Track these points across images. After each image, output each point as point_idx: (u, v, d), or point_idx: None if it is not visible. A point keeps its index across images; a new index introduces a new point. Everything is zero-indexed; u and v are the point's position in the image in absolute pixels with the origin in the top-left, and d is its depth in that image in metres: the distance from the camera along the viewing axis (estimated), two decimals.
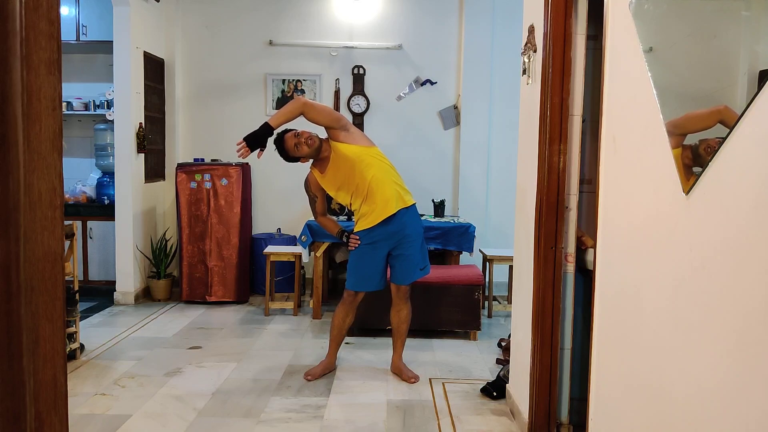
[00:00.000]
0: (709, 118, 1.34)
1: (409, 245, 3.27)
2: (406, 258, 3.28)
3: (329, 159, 3.21)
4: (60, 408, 0.77)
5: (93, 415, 2.83)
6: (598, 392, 1.98)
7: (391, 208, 3.18)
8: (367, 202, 3.20)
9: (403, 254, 3.27)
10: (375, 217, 3.19)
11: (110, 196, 5.16)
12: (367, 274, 3.30)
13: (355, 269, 3.32)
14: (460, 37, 5.43)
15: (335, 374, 3.44)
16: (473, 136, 5.42)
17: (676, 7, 1.59)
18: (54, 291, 0.75)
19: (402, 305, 3.38)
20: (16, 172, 0.68)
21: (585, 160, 2.55)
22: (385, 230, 3.21)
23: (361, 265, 3.30)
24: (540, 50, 2.55)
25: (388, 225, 3.20)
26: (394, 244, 3.26)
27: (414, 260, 3.29)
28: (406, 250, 3.27)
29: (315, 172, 3.31)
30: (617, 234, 1.84)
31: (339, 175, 3.21)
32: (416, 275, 3.33)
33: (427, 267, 3.38)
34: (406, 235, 3.25)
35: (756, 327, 1.12)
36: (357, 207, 3.26)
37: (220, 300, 4.99)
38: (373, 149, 3.24)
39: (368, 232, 3.24)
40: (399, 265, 3.29)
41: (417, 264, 3.31)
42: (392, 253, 3.28)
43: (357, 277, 3.32)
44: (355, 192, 3.21)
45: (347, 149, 3.17)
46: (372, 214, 3.20)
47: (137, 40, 4.91)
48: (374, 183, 3.17)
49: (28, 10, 0.69)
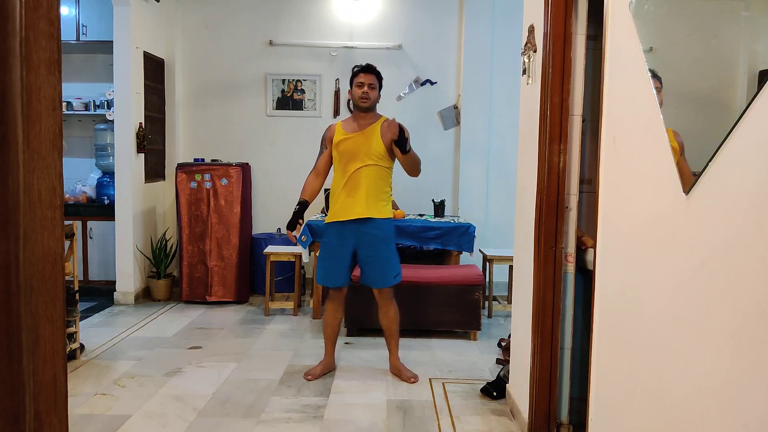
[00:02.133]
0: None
1: (376, 247, 3.25)
2: (375, 261, 3.26)
3: (366, 127, 3.25)
4: (60, 408, 0.77)
5: (93, 415, 2.83)
6: (598, 392, 1.98)
7: (369, 211, 3.20)
8: (350, 192, 3.21)
9: (371, 257, 3.26)
10: (347, 212, 3.21)
11: (110, 196, 5.16)
12: (331, 269, 3.31)
13: (321, 264, 3.38)
14: (460, 37, 5.43)
15: (335, 374, 3.44)
16: (473, 136, 5.42)
17: (676, 7, 1.59)
18: (54, 291, 0.75)
19: (388, 306, 3.36)
20: (16, 172, 0.68)
21: (585, 160, 2.55)
22: (355, 228, 3.22)
23: (326, 259, 3.34)
24: (540, 50, 2.55)
25: (359, 224, 3.21)
26: (360, 244, 3.25)
27: (384, 263, 3.27)
28: (376, 253, 3.25)
29: (339, 125, 3.35)
30: (617, 234, 1.84)
31: (354, 143, 3.23)
32: (390, 281, 3.30)
33: (399, 274, 3.35)
34: (375, 236, 3.24)
35: (756, 327, 1.12)
36: (336, 189, 3.27)
37: (220, 300, 4.99)
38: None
39: (338, 226, 3.25)
40: (369, 269, 3.28)
41: (388, 267, 3.29)
42: (360, 256, 3.28)
43: (322, 272, 3.37)
44: (348, 166, 3.22)
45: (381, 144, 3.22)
46: (346, 208, 3.22)
47: (137, 40, 4.91)
48: (367, 179, 3.20)
49: (28, 10, 0.69)
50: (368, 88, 3.25)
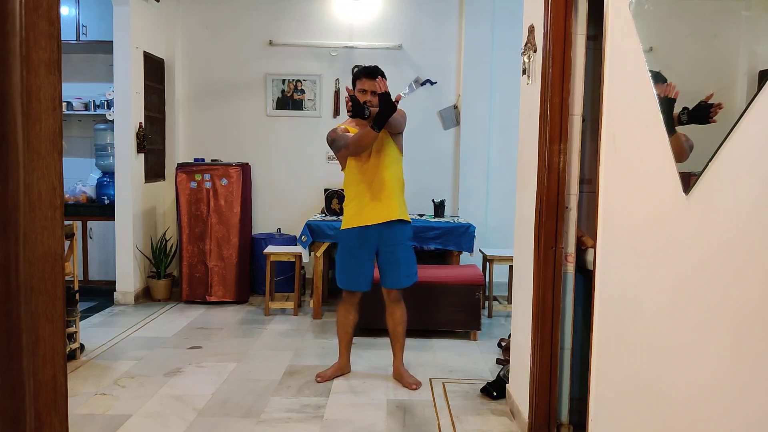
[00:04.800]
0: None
1: (396, 248, 3.22)
2: (392, 262, 3.23)
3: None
4: (60, 408, 0.77)
5: (93, 415, 2.83)
6: (598, 392, 1.98)
7: (394, 214, 3.16)
8: (374, 195, 3.14)
9: (390, 259, 3.23)
10: (377, 215, 3.15)
11: (110, 196, 5.16)
12: (356, 274, 3.26)
13: (343, 268, 3.29)
14: (460, 37, 5.43)
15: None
16: (473, 136, 5.42)
17: (676, 7, 1.59)
18: (54, 291, 0.75)
19: (394, 308, 3.33)
20: (16, 172, 0.68)
21: (585, 160, 2.55)
22: (379, 231, 3.18)
23: (350, 265, 3.26)
24: (540, 50, 2.55)
25: (384, 227, 3.18)
26: (382, 246, 3.22)
27: (400, 264, 3.24)
28: (394, 254, 3.22)
29: (346, 124, 3.29)
30: (617, 234, 1.84)
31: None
32: (403, 282, 3.27)
33: (414, 275, 3.32)
34: (395, 239, 3.21)
35: (755, 326, 1.12)
36: (354, 190, 3.20)
37: (220, 300, 4.99)
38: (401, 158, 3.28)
39: (360, 230, 3.18)
40: (388, 270, 3.25)
41: (403, 268, 3.26)
42: (380, 256, 3.25)
43: (346, 277, 3.29)
44: (365, 165, 3.14)
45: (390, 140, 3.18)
46: (375, 212, 3.14)
47: (137, 40, 4.91)
48: (391, 179, 3.15)
49: (28, 10, 0.69)
50: (371, 95, 3.12)
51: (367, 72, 3.15)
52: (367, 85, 3.14)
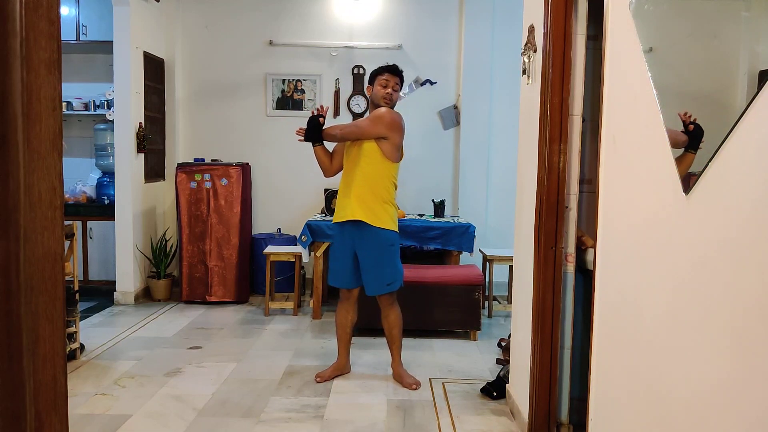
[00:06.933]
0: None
1: (371, 253, 3.19)
2: (369, 266, 3.21)
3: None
4: (60, 408, 0.77)
5: (93, 415, 2.83)
6: (598, 392, 1.98)
7: (361, 214, 3.14)
8: (343, 193, 3.24)
9: (366, 262, 3.21)
10: (340, 212, 3.23)
11: (110, 196, 5.16)
12: (337, 269, 3.33)
13: (330, 263, 3.43)
14: (460, 37, 5.43)
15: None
16: (473, 136, 5.42)
17: (676, 7, 1.59)
18: (54, 291, 0.75)
19: (388, 310, 3.32)
20: (16, 173, 0.68)
21: (585, 160, 2.55)
22: (352, 231, 3.20)
23: (333, 259, 3.40)
24: (540, 50, 2.55)
25: (355, 227, 3.18)
26: (358, 248, 3.21)
27: (376, 270, 3.20)
28: (371, 258, 3.19)
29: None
30: (617, 234, 1.84)
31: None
32: (381, 289, 3.23)
33: (394, 283, 3.25)
34: (370, 242, 3.18)
35: (755, 327, 1.12)
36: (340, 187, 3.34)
37: (220, 300, 4.99)
38: (395, 166, 3.24)
39: (338, 227, 3.28)
40: (363, 274, 3.25)
41: (381, 275, 3.21)
42: (359, 258, 3.24)
43: (331, 272, 3.42)
44: (346, 164, 3.28)
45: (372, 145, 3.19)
46: (339, 209, 3.25)
47: (137, 40, 4.91)
48: (362, 180, 3.17)
49: (28, 10, 0.69)
50: (392, 89, 3.25)
51: (391, 69, 3.30)
52: (390, 78, 3.26)
